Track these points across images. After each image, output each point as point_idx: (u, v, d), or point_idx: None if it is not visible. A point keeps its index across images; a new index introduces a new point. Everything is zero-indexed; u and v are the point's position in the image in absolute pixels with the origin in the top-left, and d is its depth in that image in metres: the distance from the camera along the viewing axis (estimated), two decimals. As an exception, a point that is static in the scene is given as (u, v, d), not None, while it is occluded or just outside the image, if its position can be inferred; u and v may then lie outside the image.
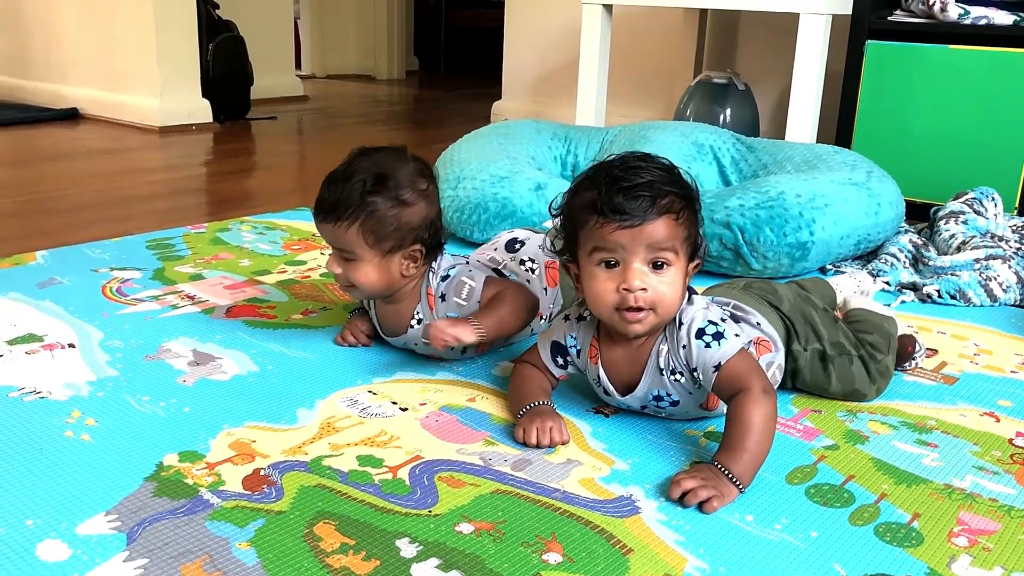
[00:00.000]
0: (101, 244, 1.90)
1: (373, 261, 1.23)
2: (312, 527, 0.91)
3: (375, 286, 1.25)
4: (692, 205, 1.05)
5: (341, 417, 1.15)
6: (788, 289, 1.28)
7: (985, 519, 0.97)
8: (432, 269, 1.30)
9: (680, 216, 1.02)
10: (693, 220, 1.05)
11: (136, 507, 0.93)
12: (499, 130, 2.27)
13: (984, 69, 2.25)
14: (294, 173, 2.91)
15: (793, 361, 1.23)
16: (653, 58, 3.35)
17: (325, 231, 1.25)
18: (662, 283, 1.03)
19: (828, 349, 1.23)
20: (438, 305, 1.28)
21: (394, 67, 6.00)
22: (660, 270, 1.03)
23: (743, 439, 1.00)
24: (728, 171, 2.13)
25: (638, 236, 1.01)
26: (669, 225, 1.01)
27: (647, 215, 1.00)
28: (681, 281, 1.05)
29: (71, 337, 1.38)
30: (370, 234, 1.21)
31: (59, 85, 3.92)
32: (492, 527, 0.92)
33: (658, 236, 1.01)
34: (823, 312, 1.27)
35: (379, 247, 1.22)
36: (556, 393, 1.23)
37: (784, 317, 1.23)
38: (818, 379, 1.24)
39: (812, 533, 0.93)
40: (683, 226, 1.03)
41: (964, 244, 1.82)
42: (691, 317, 1.07)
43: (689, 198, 1.04)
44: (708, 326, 1.06)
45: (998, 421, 1.21)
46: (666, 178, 1.04)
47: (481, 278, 1.29)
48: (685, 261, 1.05)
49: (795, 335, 1.23)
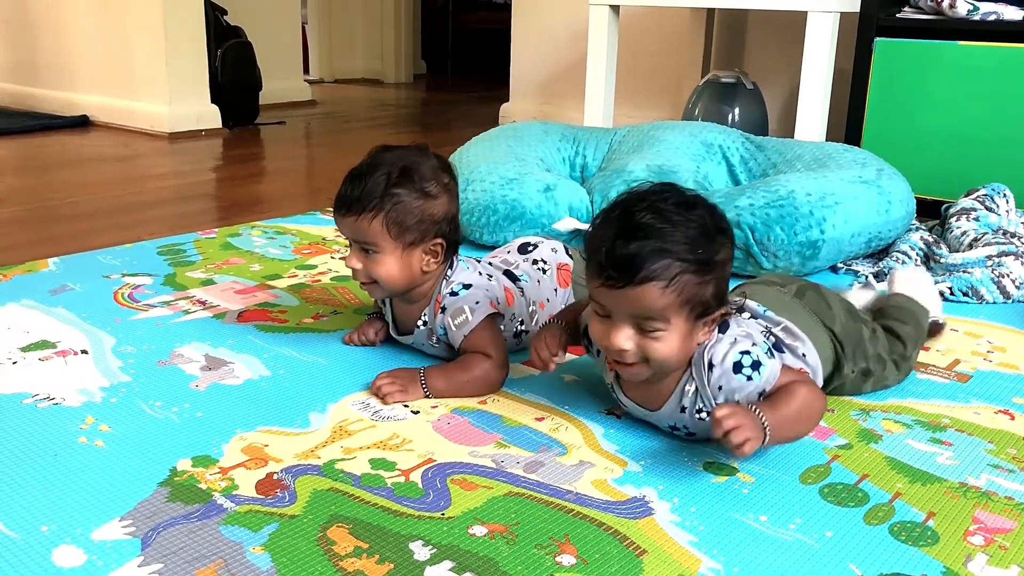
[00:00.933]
0: (112, 250, 1.90)
1: (395, 254, 1.23)
2: (325, 531, 0.91)
3: (396, 281, 1.25)
4: (702, 270, 0.97)
5: (353, 420, 1.15)
6: (840, 304, 1.23)
7: (1001, 517, 0.96)
8: (446, 276, 1.28)
9: (672, 283, 0.95)
10: (700, 284, 0.97)
11: (150, 512, 0.93)
12: (507, 132, 2.27)
13: (994, 65, 2.24)
14: (303, 178, 2.92)
15: (839, 380, 1.21)
16: (661, 58, 3.35)
17: (346, 225, 1.24)
18: (650, 344, 0.99)
19: (871, 366, 1.23)
20: (439, 314, 1.27)
21: (402, 71, 6.01)
22: (646, 333, 0.98)
23: (784, 404, 1.01)
24: (737, 170, 2.13)
25: (621, 299, 0.97)
26: (652, 294, 0.95)
27: (630, 279, 0.95)
28: (679, 341, 0.99)
29: (84, 343, 1.38)
30: (394, 225, 1.21)
31: (69, 93, 3.94)
32: (505, 529, 0.92)
33: (640, 305, 0.96)
34: (869, 325, 1.26)
35: (402, 239, 1.22)
36: (569, 394, 1.23)
37: (835, 340, 1.19)
38: (856, 389, 1.24)
39: (827, 533, 0.93)
40: (676, 293, 0.95)
41: (976, 241, 1.81)
42: (721, 355, 1.02)
43: (700, 262, 0.96)
44: (743, 358, 1.02)
45: (1013, 419, 1.20)
46: (679, 235, 0.96)
47: (481, 315, 1.25)
48: (685, 323, 0.99)
49: (845, 358, 1.20)
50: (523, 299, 1.35)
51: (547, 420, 1.17)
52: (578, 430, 1.14)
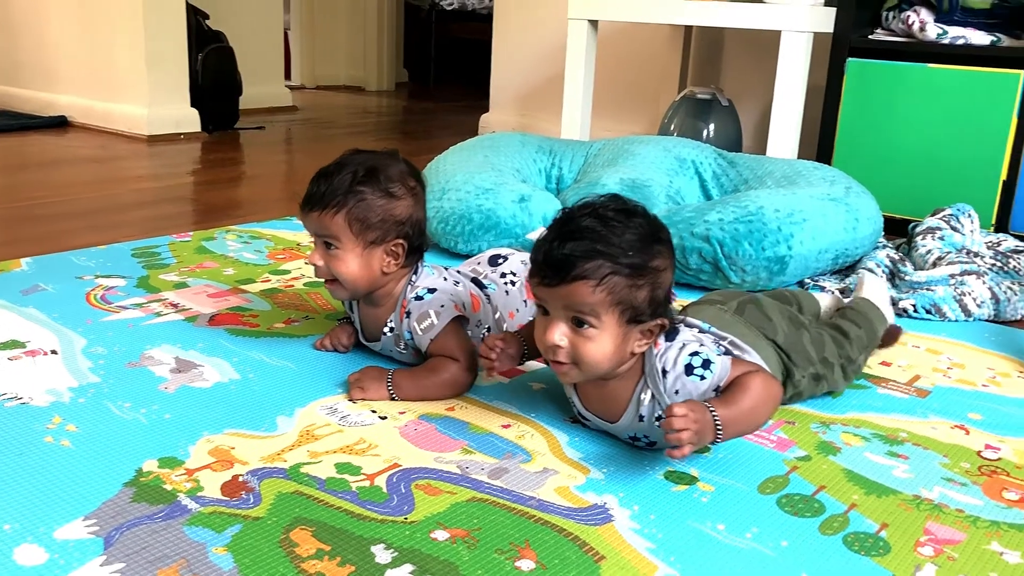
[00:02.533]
0: (86, 252, 1.90)
1: (356, 251, 1.25)
2: (288, 533, 0.92)
3: (355, 279, 1.26)
4: (634, 273, 1.00)
5: (320, 425, 1.16)
6: (780, 315, 1.26)
7: (952, 529, 0.99)
8: (411, 281, 1.30)
9: (603, 282, 0.99)
10: (631, 287, 1.00)
11: (114, 512, 0.94)
12: (485, 142, 2.29)
13: (961, 88, 2.29)
14: (281, 183, 2.92)
15: (794, 388, 1.24)
16: (638, 73, 3.38)
17: (311, 221, 1.26)
18: (582, 342, 1.02)
19: (820, 369, 1.26)
20: (404, 319, 1.29)
21: (384, 78, 6.02)
22: (582, 328, 1.02)
23: (739, 398, 1.03)
24: (709, 185, 2.16)
25: (554, 295, 1.01)
26: (583, 291, 0.99)
27: (563, 277, 0.99)
28: (611, 344, 1.02)
29: (54, 344, 1.38)
30: (356, 222, 1.23)
31: (48, 93, 3.93)
32: (467, 534, 0.93)
33: (572, 300, 1.00)
34: (811, 329, 1.29)
35: (363, 237, 1.24)
36: (535, 402, 1.25)
37: (780, 351, 1.22)
38: (811, 393, 1.28)
39: (782, 542, 0.95)
40: (605, 292, 0.99)
41: (940, 260, 1.85)
42: (673, 360, 1.06)
43: (631, 266, 1.00)
44: (693, 359, 1.05)
45: (968, 433, 1.23)
46: (616, 239, 1.00)
47: (447, 318, 1.27)
48: (617, 325, 1.01)
49: (794, 365, 1.23)
50: (489, 306, 1.37)
51: (513, 427, 1.18)
52: (543, 437, 1.16)
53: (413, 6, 6.64)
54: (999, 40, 2.30)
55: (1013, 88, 2.22)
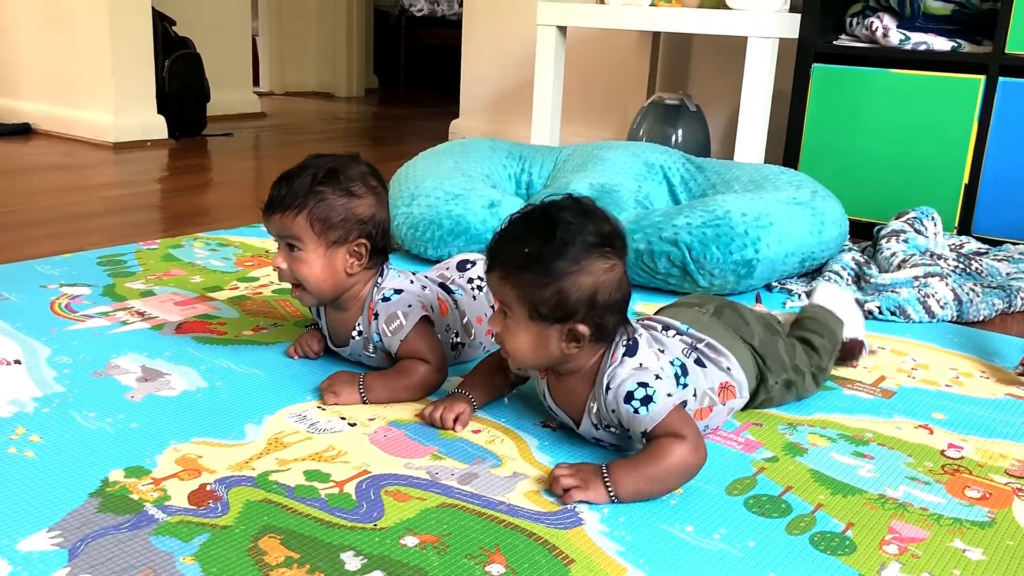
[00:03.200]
0: (51, 260, 1.88)
1: (318, 252, 1.24)
2: (257, 541, 0.91)
3: (319, 281, 1.26)
4: (535, 270, 1.02)
5: (289, 432, 1.15)
6: (756, 320, 1.27)
7: (915, 527, 1.00)
8: (377, 284, 1.30)
9: (508, 276, 1.05)
10: (534, 284, 1.03)
11: (80, 523, 0.93)
12: (454, 148, 2.29)
13: (924, 92, 2.32)
14: (249, 189, 2.91)
15: (766, 393, 1.25)
16: (607, 79, 3.40)
17: (273, 223, 1.26)
18: (506, 331, 1.08)
19: (792, 376, 1.27)
20: (372, 321, 1.29)
21: (353, 84, 6.01)
22: (507, 317, 1.08)
23: (646, 464, 1.02)
24: (678, 190, 2.18)
25: (491, 282, 1.09)
26: (495, 282, 1.08)
27: (489, 268, 1.08)
28: (526, 338, 1.06)
29: (17, 353, 1.37)
30: (318, 222, 1.23)
31: (11, 100, 3.87)
32: (437, 540, 0.93)
33: (494, 290, 1.09)
34: (785, 337, 1.31)
35: (325, 237, 1.24)
36: (505, 407, 1.25)
37: (756, 354, 1.24)
38: (782, 400, 1.29)
39: (750, 543, 0.96)
40: (511, 287, 1.05)
41: (904, 262, 1.88)
42: (620, 381, 1.05)
43: (534, 263, 1.02)
44: (637, 389, 1.04)
45: (931, 433, 1.25)
46: (527, 239, 1.04)
47: (415, 318, 1.27)
48: (531, 320, 1.05)
49: (768, 371, 1.25)
50: (457, 311, 1.37)
51: (483, 432, 1.18)
52: (513, 442, 1.16)
53: (382, 12, 6.64)
54: (960, 46, 2.34)
55: (974, 93, 2.26)
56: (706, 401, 1.16)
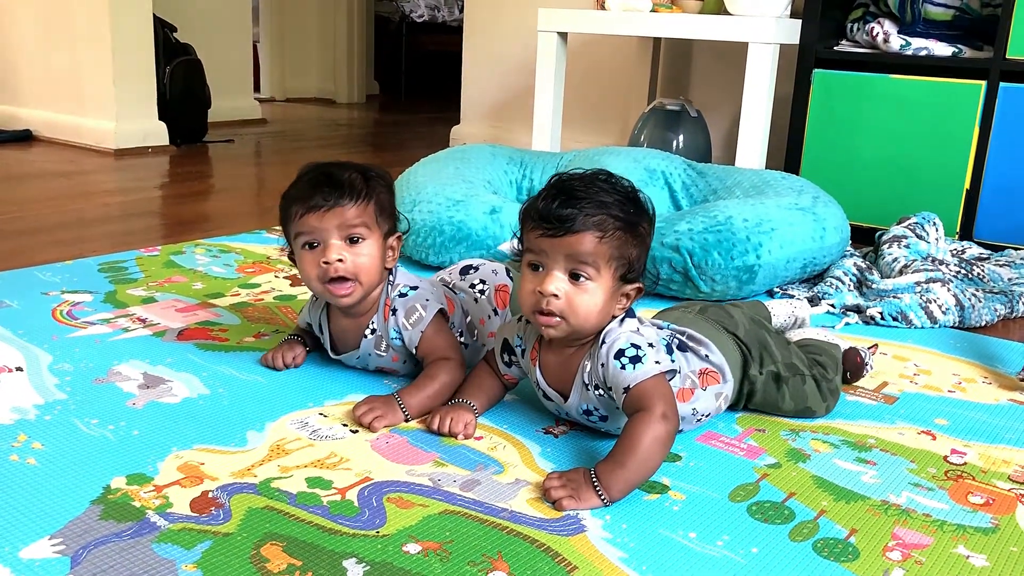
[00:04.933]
0: (52, 267, 1.88)
1: (377, 241, 1.27)
2: (259, 548, 0.91)
3: (374, 272, 1.26)
4: (631, 229, 1.07)
5: (291, 439, 1.15)
6: (742, 313, 1.31)
7: (919, 534, 1.00)
8: (391, 282, 1.31)
9: (607, 235, 1.05)
10: (628, 242, 1.07)
11: (81, 530, 0.93)
12: (455, 154, 2.30)
13: (925, 98, 2.32)
14: (250, 196, 2.91)
15: (749, 384, 1.25)
16: (608, 85, 3.40)
17: (333, 216, 1.22)
18: (578, 294, 1.07)
19: (782, 371, 1.26)
20: (390, 318, 1.30)
21: (354, 91, 6.01)
22: (578, 281, 1.06)
23: (624, 456, 1.03)
24: (679, 196, 2.18)
25: (558, 245, 1.05)
26: (590, 241, 1.05)
27: (570, 227, 1.04)
28: (603, 297, 1.07)
29: (19, 361, 1.37)
30: (381, 211, 1.27)
31: (12, 107, 3.88)
32: (439, 547, 0.93)
33: (577, 249, 1.05)
34: (776, 335, 1.31)
35: (380, 227, 1.27)
36: (507, 413, 1.25)
37: (740, 343, 1.25)
38: (771, 399, 1.27)
39: (753, 549, 0.95)
40: (608, 245, 1.05)
41: (906, 267, 1.87)
42: (615, 337, 1.09)
43: (630, 222, 1.07)
44: (628, 348, 1.08)
45: (934, 439, 1.24)
46: (611, 199, 1.06)
47: (433, 311, 1.29)
48: (611, 280, 1.08)
49: (751, 359, 1.25)
50: (461, 311, 1.38)
51: (486, 439, 1.18)
52: (515, 449, 1.16)
53: (383, 18, 6.65)
54: (961, 51, 2.34)
55: (975, 98, 2.26)
56: (688, 383, 1.18)
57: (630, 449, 1.03)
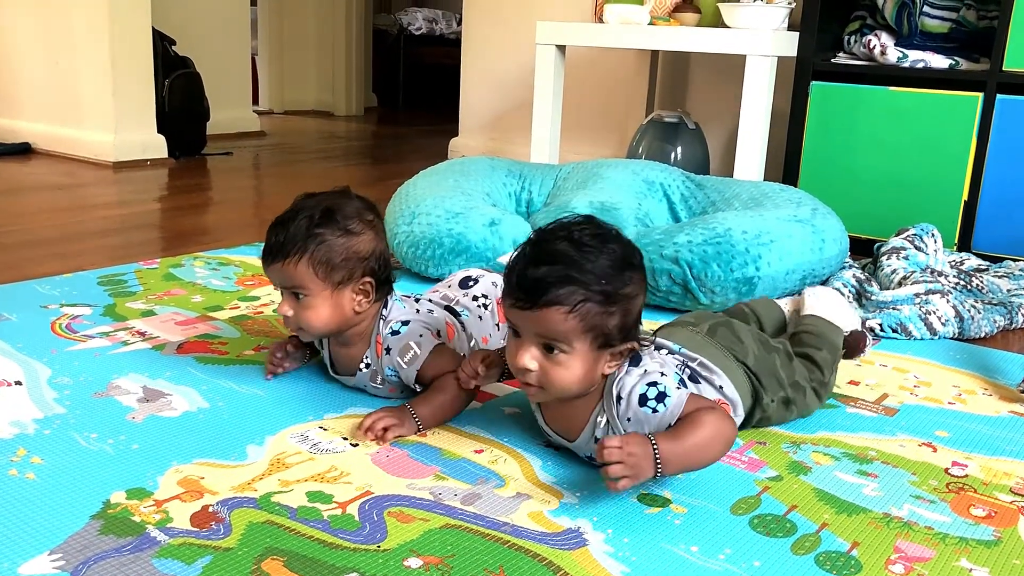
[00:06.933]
0: (51, 280, 1.88)
1: (325, 295, 1.23)
2: (260, 563, 0.91)
3: (327, 325, 1.25)
4: (606, 299, 1.00)
5: (291, 453, 1.15)
6: (752, 338, 1.27)
7: (921, 546, 1.00)
8: (383, 316, 1.29)
9: (575, 310, 0.99)
10: (602, 314, 1.00)
11: (81, 545, 0.92)
12: (454, 167, 2.30)
13: (922, 110, 2.33)
14: (249, 208, 2.91)
15: (762, 411, 1.25)
16: (606, 97, 3.41)
17: (274, 273, 1.25)
18: (552, 367, 1.03)
19: (790, 393, 1.27)
20: (384, 356, 1.28)
21: (353, 103, 6.02)
22: (551, 354, 1.02)
23: (688, 433, 1.01)
24: (678, 208, 2.18)
25: (527, 320, 1.02)
26: (557, 319, 0.99)
27: (535, 301, 1.00)
28: (580, 368, 1.02)
29: (18, 374, 1.36)
30: (320, 266, 1.22)
31: (11, 120, 3.88)
32: (440, 561, 0.93)
33: (544, 327, 1.01)
34: (782, 353, 1.29)
35: (330, 279, 1.23)
36: (508, 426, 1.25)
37: (750, 374, 1.23)
38: (781, 418, 1.28)
39: (755, 563, 0.95)
40: (578, 320, 0.99)
41: (905, 279, 1.88)
42: (629, 389, 1.06)
43: (604, 292, 1.00)
44: (649, 390, 1.05)
45: (935, 451, 1.24)
46: (587, 264, 1.00)
47: (429, 346, 1.26)
48: (590, 350, 1.02)
49: (763, 390, 1.24)
50: (464, 334, 1.36)
51: (486, 452, 1.18)
52: (516, 462, 1.15)
53: (381, 31, 6.67)
54: (958, 63, 2.35)
55: (972, 110, 2.27)
56: None
57: (695, 430, 1.01)
